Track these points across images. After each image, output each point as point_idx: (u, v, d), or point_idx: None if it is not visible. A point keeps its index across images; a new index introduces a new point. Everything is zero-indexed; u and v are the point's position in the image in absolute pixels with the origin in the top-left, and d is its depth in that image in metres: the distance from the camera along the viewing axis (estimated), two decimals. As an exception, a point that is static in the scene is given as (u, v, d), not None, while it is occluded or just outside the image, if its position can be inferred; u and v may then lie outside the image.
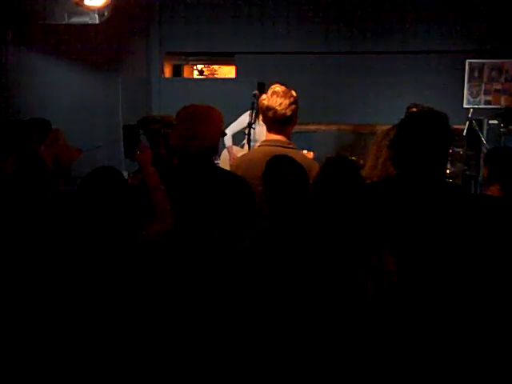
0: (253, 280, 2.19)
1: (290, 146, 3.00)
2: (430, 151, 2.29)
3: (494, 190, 2.84)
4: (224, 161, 5.19)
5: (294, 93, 2.99)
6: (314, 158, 3.33)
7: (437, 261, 2.23)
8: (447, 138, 2.35)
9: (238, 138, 5.22)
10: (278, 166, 2.40)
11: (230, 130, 5.08)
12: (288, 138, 3.03)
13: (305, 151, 4.89)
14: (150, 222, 2.45)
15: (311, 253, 2.14)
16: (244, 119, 4.97)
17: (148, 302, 2.37)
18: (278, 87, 2.99)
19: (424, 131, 2.31)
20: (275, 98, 2.93)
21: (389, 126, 2.92)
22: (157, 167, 2.67)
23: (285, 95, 2.93)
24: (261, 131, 3.54)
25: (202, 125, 2.64)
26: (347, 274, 2.09)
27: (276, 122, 2.97)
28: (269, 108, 2.94)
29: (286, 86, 3.01)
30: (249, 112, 4.95)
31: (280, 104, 2.91)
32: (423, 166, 2.30)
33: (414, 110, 4.43)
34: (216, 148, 2.74)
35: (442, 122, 2.35)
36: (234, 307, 2.23)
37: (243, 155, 3.32)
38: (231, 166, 3.27)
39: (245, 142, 4.87)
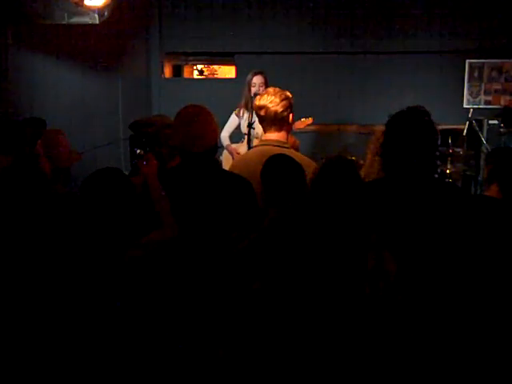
0: (253, 280, 2.19)
1: (286, 145, 3.00)
2: (418, 149, 2.30)
3: (493, 191, 2.84)
4: (226, 160, 5.19)
5: (288, 93, 3.03)
6: (314, 158, 3.34)
7: (433, 260, 2.24)
8: (431, 133, 2.35)
9: (235, 137, 5.25)
10: (276, 164, 2.40)
11: (227, 131, 5.13)
12: (285, 138, 3.04)
13: (303, 119, 4.98)
14: (151, 226, 2.42)
15: (309, 251, 2.14)
16: (234, 118, 5.14)
17: (153, 308, 2.34)
18: (270, 88, 3.06)
19: (408, 130, 2.33)
20: (266, 96, 2.98)
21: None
22: (159, 168, 2.66)
23: (275, 93, 2.99)
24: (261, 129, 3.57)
25: (203, 124, 2.64)
26: (345, 273, 2.09)
27: (270, 121, 2.99)
28: (260, 107, 2.99)
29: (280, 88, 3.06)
30: (236, 111, 5.10)
31: (271, 101, 2.96)
32: (413, 164, 2.31)
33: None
34: (217, 147, 2.74)
35: (423, 117, 2.37)
36: (234, 308, 2.23)
37: (240, 156, 3.33)
38: (231, 165, 3.28)
39: (244, 139, 4.93)
